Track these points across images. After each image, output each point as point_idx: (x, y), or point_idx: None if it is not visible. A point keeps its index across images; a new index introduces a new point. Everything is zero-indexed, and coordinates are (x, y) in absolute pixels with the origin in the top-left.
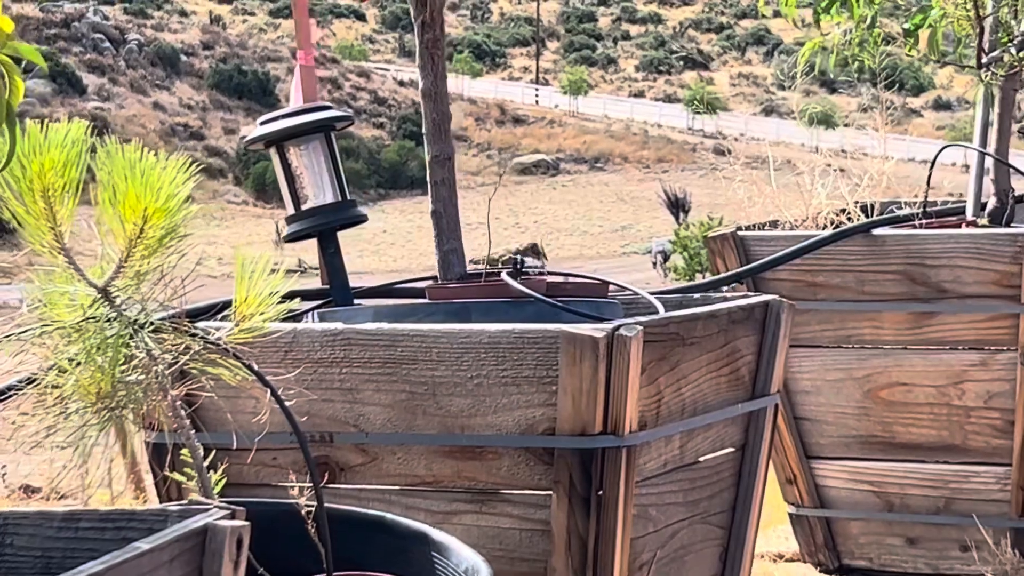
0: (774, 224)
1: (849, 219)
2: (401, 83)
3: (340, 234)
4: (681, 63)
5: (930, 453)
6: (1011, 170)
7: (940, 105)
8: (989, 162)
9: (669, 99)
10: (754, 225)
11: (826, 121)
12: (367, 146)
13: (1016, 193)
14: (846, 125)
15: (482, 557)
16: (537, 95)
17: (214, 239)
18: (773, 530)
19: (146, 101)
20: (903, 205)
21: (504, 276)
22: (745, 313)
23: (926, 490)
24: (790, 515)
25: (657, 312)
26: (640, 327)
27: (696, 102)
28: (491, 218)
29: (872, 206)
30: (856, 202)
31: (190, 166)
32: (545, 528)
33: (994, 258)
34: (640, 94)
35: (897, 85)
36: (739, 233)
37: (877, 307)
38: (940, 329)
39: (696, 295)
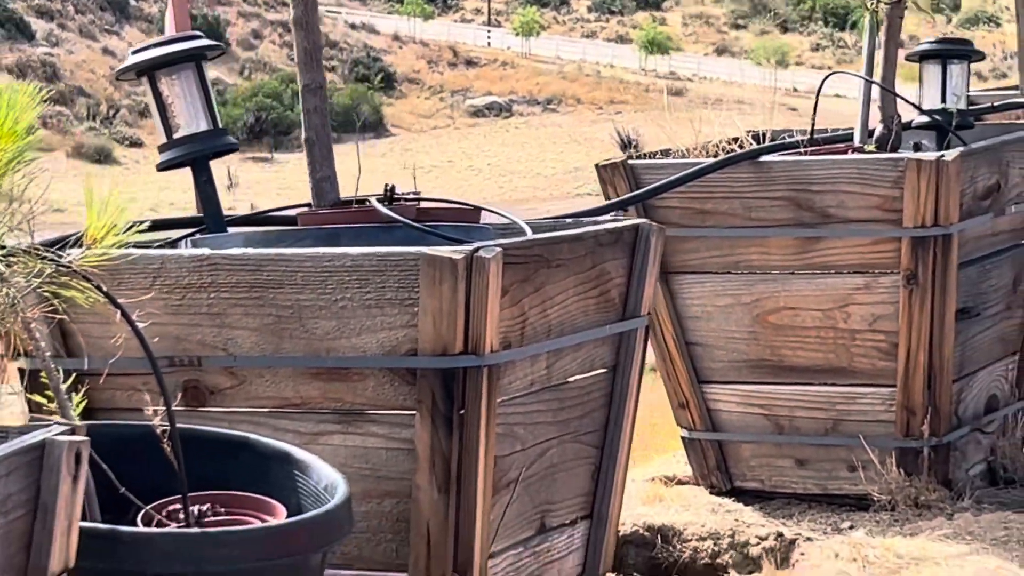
0: (666, 153)
1: (740, 148)
2: (352, 26)
3: (293, 182)
4: (633, 3)
5: (817, 376)
6: (896, 97)
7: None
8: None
9: (621, 40)
10: (645, 154)
11: (780, 61)
12: None
13: (903, 120)
14: (799, 64)
15: (341, 474)
16: (489, 37)
17: (166, 185)
18: (672, 455)
19: (95, 46)
20: (795, 134)
21: (373, 201)
22: (613, 236)
23: (814, 412)
24: (683, 439)
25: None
26: (499, 248)
27: (648, 44)
28: (445, 160)
29: (764, 135)
30: (750, 132)
31: (39, 93)
32: (410, 447)
33: (877, 183)
34: (592, 35)
35: (850, 24)
36: (629, 162)
37: (764, 233)
38: (825, 254)
39: (569, 220)
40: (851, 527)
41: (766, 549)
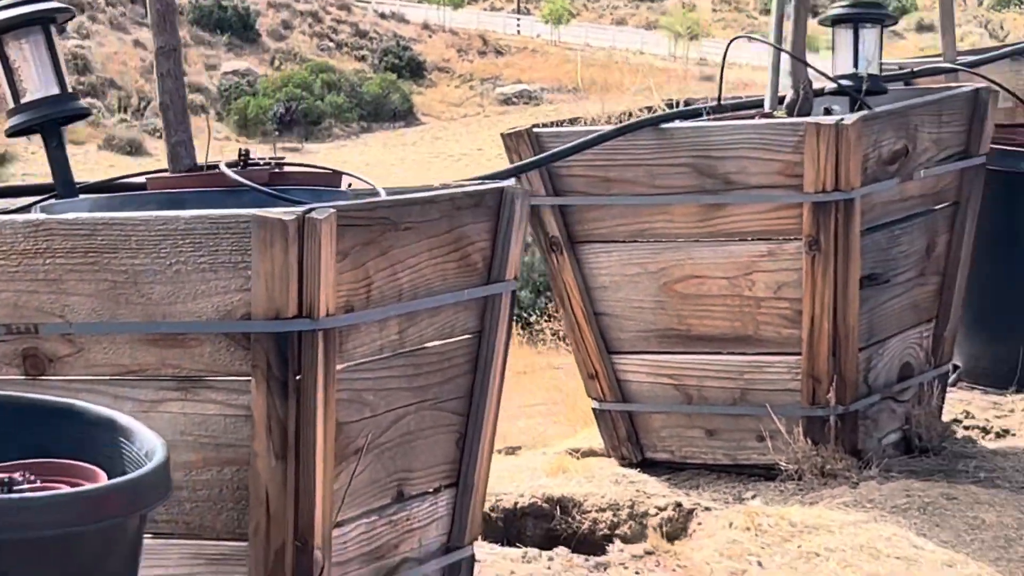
0: (573, 122)
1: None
2: (382, 15)
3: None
4: None
5: (725, 345)
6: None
7: (923, 27)
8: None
9: (651, 27)
10: (551, 123)
11: (810, 46)
12: (349, 79)
13: (815, 87)
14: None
15: (161, 440)
16: (519, 25)
17: None
18: (589, 431)
19: (126, 39)
20: (708, 101)
21: (222, 166)
22: (473, 200)
23: (723, 382)
24: (594, 410)
25: None
26: (332, 210)
27: (678, 30)
28: (475, 148)
29: (677, 103)
30: (666, 100)
31: None
32: (248, 413)
33: (777, 148)
34: (622, 22)
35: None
36: (534, 130)
37: (668, 200)
38: (729, 221)
39: (436, 185)
40: (754, 496)
41: (664, 519)
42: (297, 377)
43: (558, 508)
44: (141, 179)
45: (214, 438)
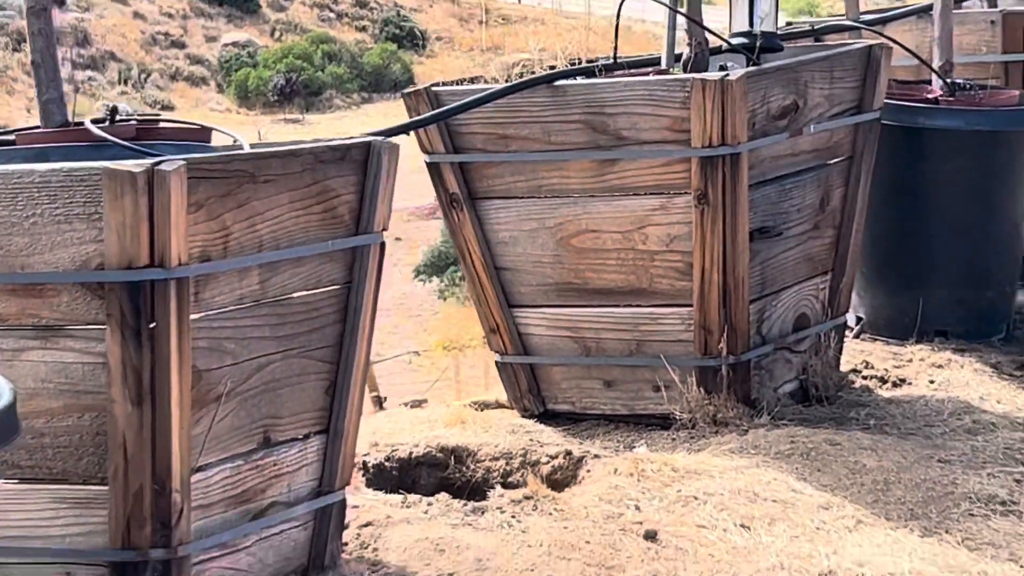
0: (474, 81)
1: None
2: None
3: None
4: None
5: (620, 297)
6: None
7: None
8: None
9: None
10: (452, 81)
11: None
12: (349, 50)
13: (712, 44)
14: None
15: (10, 384)
16: None
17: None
18: (499, 385)
19: (126, 10)
20: (611, 59)
21: (86, 122)
22: (338, 153)
23: (619, 334)
24: (496, 363)
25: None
26: (182, 162)
27: None
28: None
29: (580, 61)
30: (572, 59)
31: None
32: (105, 361)
33: (666, 104)
34: None
35: None
36: (433, 89)
37: (563, 156)
38: (622, 176)
39: (307, 142)
40: (645, 444)
41: (555, 467)
42: (151, 325)
43: (452, 457)
44: (9, 136)
45: (73, 385)
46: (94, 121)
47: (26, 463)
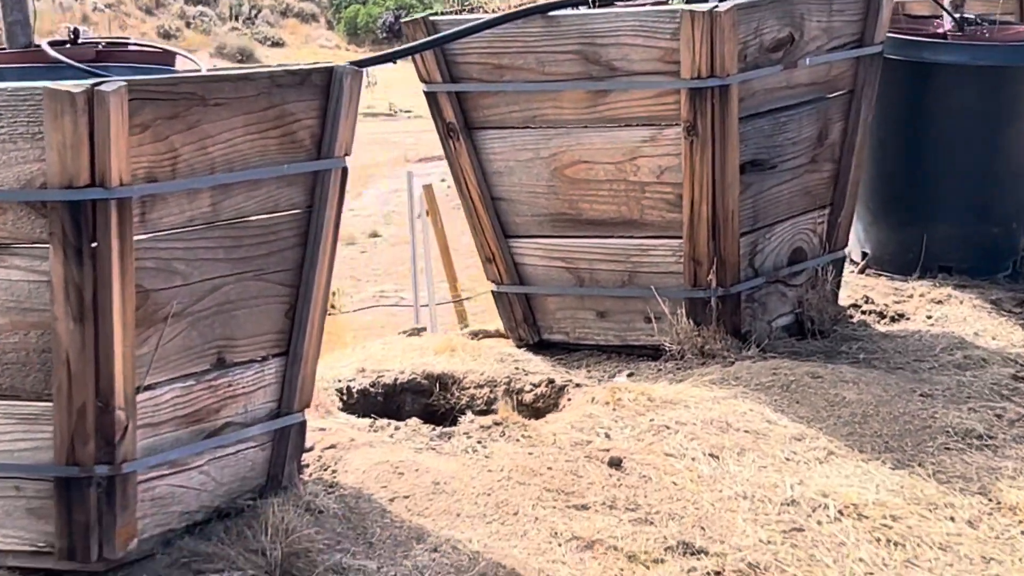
0: (472, 11)
1: None
2: None
3: None
4: None
5: (613, 228)
6: None
7: None
8: None
9: None
10: (452, 10)
11: None
12: None
13: None
14: None
15: None
16: None
17: None
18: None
19: None
20: None
21: (43, 44)
22: (297, 79)
23: (612, 265)
24: (492, 293)
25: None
26: (123, 83)
27: None
28: None
29: None
30: None
31: None
32: (48, 279)
33: (656, 35)
34: None
35: None
36: (431, 18)
37: (557, 87)
38: (614, 107)
39: (276, 66)
40: (630, 375)
41: (537, 395)
42: (93, 244)
43: (437, 384)
44: None
45: (19, 303)
46: (53, 43)
47: None
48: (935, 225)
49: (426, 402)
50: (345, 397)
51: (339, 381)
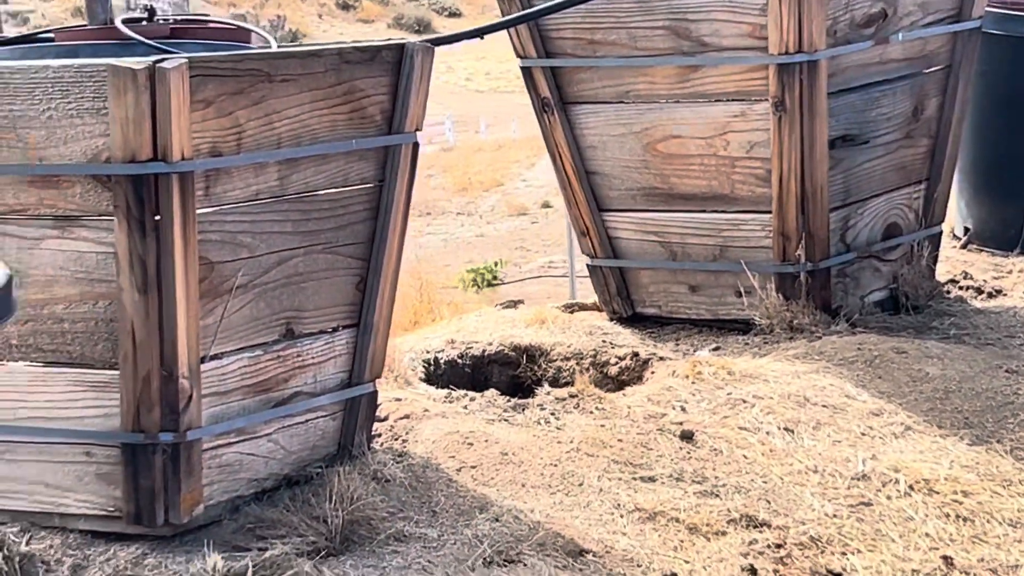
0: None
1: None
2: None
3: None
4: None
5: (704, 203)
6: None
7: None
8: None
9: None
10: None
11: None
12: None
13: None
14: None
15: (4, 265)
16: None
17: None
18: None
19: None
20: None
21: (117, 21)
22: (367, 55)
23: (703, 239)
24: (588, 267)
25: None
26: (184, 60)
27: None
28: None
29: None
30: None
31: None
32: (114, 250)
33: (745, 11)
34: None
35: None
36: None
37: (649, 62)
38: (704, 82)
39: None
40: (716, 348)
41: (622, 368)
42: (156, 217)
43: (524, 356)
44: (51, 34)
45: (88, 274)
46: (127, 21)
47: (48, 347)
48: None
49: (512, 374)
50: (432, 368)
51: (427, 352)
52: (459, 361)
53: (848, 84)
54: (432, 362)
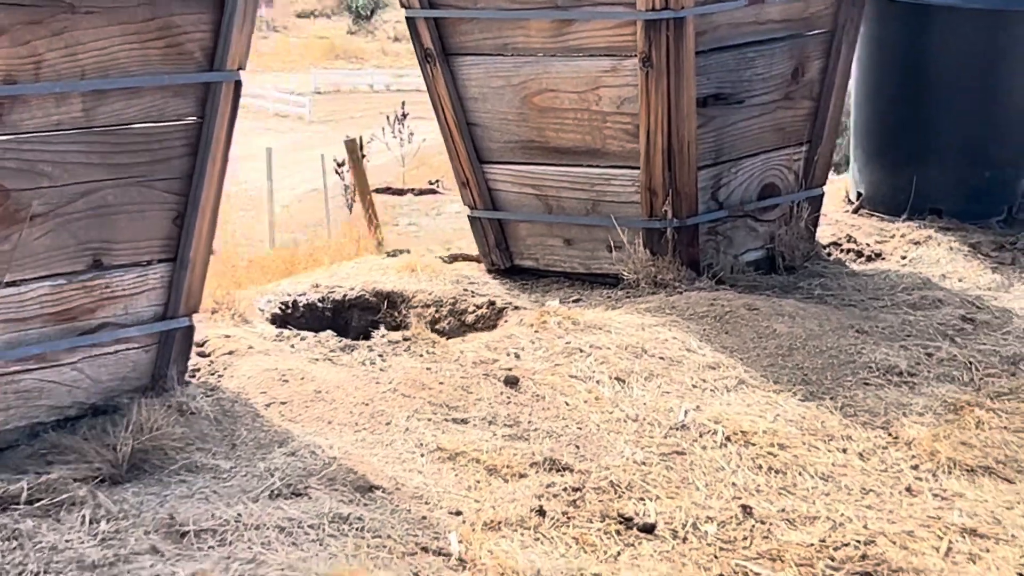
0: None
1: None
2: None
3: None
4: None
5: (578, 157)
6: None
7: None
8: None
9: None
10: None
11: None
12: None
13: None
14: None
15: None
16: None
17: None
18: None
19: None
20: None
21: None
22: None
23: (577, 193)
24: (468, 218)
25: None
26: None
27: None
28: None
29: None
30: None
31: None
32: None
33: None
34: None
35: None
36: None
37: (525, 15)
38: (578, 37)
39: None
40: (576, 300)
41: (478, 316)
42: None
43: (386, 302)
44: None
45: None
46: None
47: None
48: (927, 167)
49: (372, 319)
50: (289, 310)
51: (288, 295)
52: (319, 305)
53: (721, 43)
54: (291, 305)
